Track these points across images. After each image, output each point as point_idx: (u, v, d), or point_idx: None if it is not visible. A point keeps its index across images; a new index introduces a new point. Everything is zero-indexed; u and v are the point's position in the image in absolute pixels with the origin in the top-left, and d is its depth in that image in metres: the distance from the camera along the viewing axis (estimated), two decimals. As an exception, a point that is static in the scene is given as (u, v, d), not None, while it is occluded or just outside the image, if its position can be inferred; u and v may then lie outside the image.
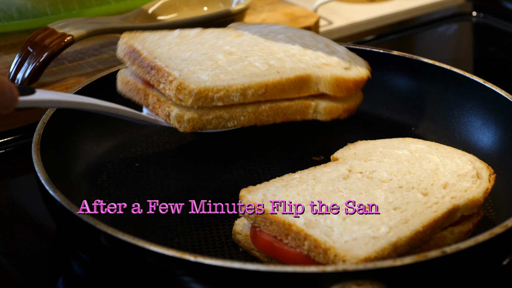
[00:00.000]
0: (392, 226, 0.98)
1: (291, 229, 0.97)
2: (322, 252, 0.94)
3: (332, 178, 1.08)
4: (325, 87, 1.18)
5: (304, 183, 1.06)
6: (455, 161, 1.13)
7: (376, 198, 1.03)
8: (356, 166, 1.11)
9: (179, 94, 1.09)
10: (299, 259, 0.98)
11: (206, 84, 1.10)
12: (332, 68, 1.19)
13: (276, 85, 1.14)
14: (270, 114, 1.16)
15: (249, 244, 1.06)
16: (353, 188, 1.05)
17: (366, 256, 0.93)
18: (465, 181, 1.08)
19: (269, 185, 1.06)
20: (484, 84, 1.29)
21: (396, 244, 0.95)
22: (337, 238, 0.96)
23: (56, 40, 1.37)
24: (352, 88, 1.20)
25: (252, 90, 1.12)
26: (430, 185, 1.07)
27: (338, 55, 1.24)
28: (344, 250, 0.93)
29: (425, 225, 0.99)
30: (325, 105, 1.19)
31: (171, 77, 1.10)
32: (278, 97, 1.16)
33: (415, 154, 1.14)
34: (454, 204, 1.03)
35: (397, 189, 1.06)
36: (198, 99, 1.09)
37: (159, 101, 1.14)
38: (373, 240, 0.95)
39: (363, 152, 1.16)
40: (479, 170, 1.11)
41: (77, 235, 1.01)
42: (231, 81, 1.12)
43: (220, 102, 1.11)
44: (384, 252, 0.94)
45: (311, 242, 0.96)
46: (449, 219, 1.03)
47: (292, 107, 1.17)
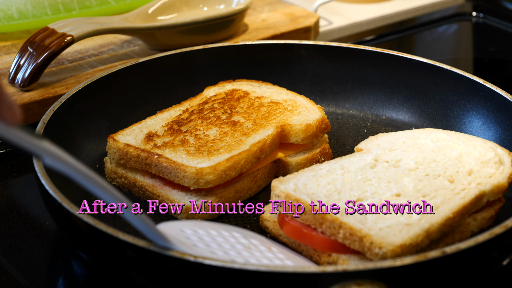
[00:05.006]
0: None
1: (325, 217, 0.99)
2: (358, 240, 0.96)
3: (359, 167, 1.10)
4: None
5: (333, 173, 1.08)
6: (477, 149, 1.15)
7: (405, 186, 1.06)
8: (381, 156, 1.14)
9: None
10: (328, 245, 1.00)
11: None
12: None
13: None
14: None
15: (277, 230, 1.07)
16: (381, 177, 1.08)
17: (402, 243, 0.95)
18: (488, 167, 1.11)
19: (299, 175, 1.08)
20: (484, 84, 1.29)
21: (429, 230, 0.98)
22: (371, 225, 0.98)
23: (56, 40, 1.37)
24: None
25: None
26: (455, 173, 1.09)
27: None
28: (380, 237, 0.95)
29: (455, 211, 1.01)
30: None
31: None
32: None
33: (438, 143, 1.16)
34: (480, 190, 1.05)
35: (424, 177, 1.08)
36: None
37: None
38: (407, 227, 0.98)
39: (386, 143, 1.18)
40: (501, 156, 1.14)
41: (77, 235, 1.01)
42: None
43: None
44: (418, 238, 0.96)
45: (346, 230, 0.97)
46: (476, 205, 1.05)
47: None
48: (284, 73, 1.45)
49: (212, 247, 0.97)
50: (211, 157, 1.13)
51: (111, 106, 1.33)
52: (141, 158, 1.15)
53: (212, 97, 1.32)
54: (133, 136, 1.20)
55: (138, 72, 1.37)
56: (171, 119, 1.26)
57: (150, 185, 1.15)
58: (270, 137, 1.18)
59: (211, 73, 1.42)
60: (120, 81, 1.34)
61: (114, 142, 1.18)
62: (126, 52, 1.54)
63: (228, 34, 1.59)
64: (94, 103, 1.30)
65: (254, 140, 1.17)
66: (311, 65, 1.45)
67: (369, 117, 1.40)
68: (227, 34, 1.59)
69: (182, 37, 1.52)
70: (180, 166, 1.11)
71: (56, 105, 1.21)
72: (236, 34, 1.61)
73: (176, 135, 1.20)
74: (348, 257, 1.00)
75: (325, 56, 1.44)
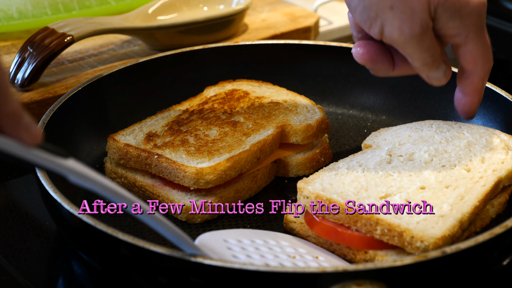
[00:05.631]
0: (452, 203, 1.01)
1: (360, 216, 0.99)
2: (397, 235, 0.97)
3: (377, 163, 1.11)
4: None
5: (353, 170, 1.09)
6: (482, 136, 1.17)
7: (427, 179, 1.07)
8: (394, 150, 1.15)
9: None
10: (366, 242, 1.00)
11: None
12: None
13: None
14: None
15: (305, 231, 1.07)
16: (401, 171, 1.09)
17: (442, 235, 0.96)
18: (498, 153, 1.12)
19: (321, 175, 1.08)
20: (484, 84, 1.29)
21: (462, 220, 0.99)
22: (408, 219, 0.98)
23: (56, 40, 1.37)
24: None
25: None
26: (469, 161, 1.11)
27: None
28: (420, 231, 0.96)
29: (480, 199, 1.03)
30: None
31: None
32: None
33: (443, 134, 1.18)
34: (498, 177, 1.08)
35: (441, 168, 1.10)
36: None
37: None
38: (442, 219, 0.98)
39: (392, 138, 1.19)
40: (506, 142, 1.16)
41: (77, 235, 1.01)
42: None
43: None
44: (454, 229, 0.97)
45: (384, 226, 0.97)
46: (495, 191, 1.08)
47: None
48: (284, 73, 1.45)
49: (254, 258, 0.96)
50: (211, 157, 1.13)
51: (111, 106, 1.33)
52: (141, 158, 1.15)
53: (212, 97, 1.32)
54: (133, 136, 1.20)
55: (138, 72, 1.37)
56: (171, 119, 1.26)
57: (150, 185, 1.15)
58: (270, 137, 1.18)
59: (211, 73, 1.42)
60: (120, 81, 1.34)
61: (114, 142, 1.18)
62: (126, 52, 1.54)
63: (228, 34, 1.59)
64: (94, 103, 1.30)
65: (254, 140, 1.17)
66: (311, 65, 1.45)
67: (369, 117, 1.40)
68: (227, 34, 1.58)
69: (182, 37, 1.52)
70: (180, 166, 1.11)
71: (56, 105, 1.21)
72: (236, 34, 1.61)
73: (176, 135, 1.20)
74: (385, 252, 1.00)
75: (325, 56, 1.44)
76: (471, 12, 1.06)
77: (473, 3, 1.06)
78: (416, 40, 1.06)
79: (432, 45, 1.07)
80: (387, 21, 1.05)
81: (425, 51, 1.07)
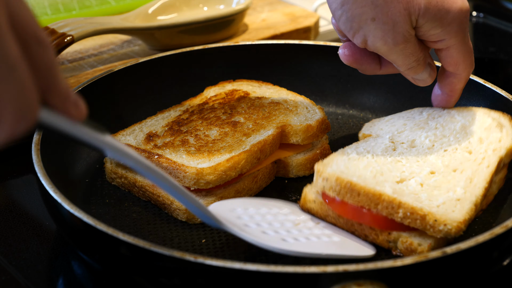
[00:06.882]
0: (463, 186, 1.03)
1: (381, 198, 0.99)
2: (420, 218, 0.97)
3: (383, 149, 1.12)
4: None
5: (364, 156, 1.09)
6: (474, 117, 1.18)
7: (434, 164, 1.08)
8: (395, 138, 1.16)
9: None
10: (389, 223, 1.00)
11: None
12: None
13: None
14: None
15: (324, 211, 1.06)
16: (408, 157, 1.10)
17: (463, 218, 0.97)
18: (493, 132, 1.14)
19: (335, 159, 1.08)
20: (484, 84, 1.29)
21: (476, 203, 1.01)
22: (428, 203, 0.99)
23: (56, 40, 1.37)
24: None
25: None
26: (468, 143, 1.12)
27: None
28: (442, 215, 0.97)
29: (488, 180, 1.05)
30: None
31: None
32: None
33: (436, 120, 1.19)
34: (499, 156, 1.09)
35: (444, 152, 1.11)
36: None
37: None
38: (459, 202, 1.00)
39: (388, 126, 1.20)
40: (497, 119, 1.17)
41: (77, 235, 1.01)
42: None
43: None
44: (471, 212, 0.99)
45: (406, 210, 0.98)
46: (497, 170, 1.09)
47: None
48: (284, 73, 1.45)
49: (263, 226, 1.00)
50: (212, 158, 1.13)
51: (111, 106, 1.33)
52: (141, 158, 1.15)
53: (212, 97, 1.32)
54: (133, 136, 1.20)
55: (138, 72, 1.37)
56: (171, 119, 1.26)
57: (150, 185, 1.15)
58: (271, 138, 1.18)
59: (211, 73, 1.42)
60: (120, 81, 1.34)
61: None
62: (126, 52, 1.54)
63: (228, 34, 1.59)
64: (94, 103, 1.30)
65: (255, 141, 1.17)
66: (311, 65, 1.45)
67: (369, 117, 1.40)
68: (227, 34, 1.59)
69: (182, 37, 1.52)
70: (181, 167, 1.11)
71: (56, 105, 1.21)
72: (236, 34, 1.61)
73: (176, 135, 1.20)
74: (409, 234, 1.00)
75: (325, 56, 1.44)
76: (453, 20, 1.08)
77: (454, 11, 1.07)
78: (400, 48, 1.09)
79: (415, 51, 1.10)
80: (369, 32, 1.07)
81: (409, 57, 1.10)
